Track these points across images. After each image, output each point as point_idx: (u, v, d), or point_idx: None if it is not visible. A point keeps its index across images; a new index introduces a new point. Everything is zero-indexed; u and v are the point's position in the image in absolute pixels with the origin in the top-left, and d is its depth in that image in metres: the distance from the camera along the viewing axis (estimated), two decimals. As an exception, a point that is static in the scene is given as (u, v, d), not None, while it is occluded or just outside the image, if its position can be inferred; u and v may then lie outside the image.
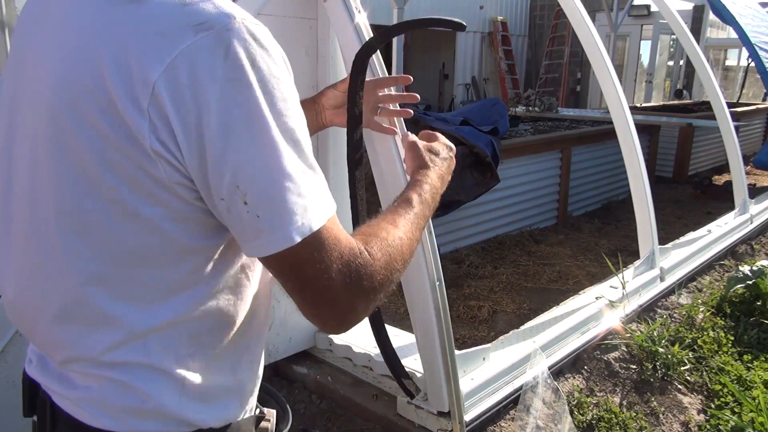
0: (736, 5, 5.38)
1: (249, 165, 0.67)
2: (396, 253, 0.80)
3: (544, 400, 2.06)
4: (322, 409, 2.09)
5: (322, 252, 0.70)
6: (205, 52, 0.66)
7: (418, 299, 1.81)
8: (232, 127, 0.66)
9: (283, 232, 0.68)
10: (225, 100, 0.66)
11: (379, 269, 0.75)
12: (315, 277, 0.70)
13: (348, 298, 0.72)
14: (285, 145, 0.69)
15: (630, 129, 2.98)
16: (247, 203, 0.68)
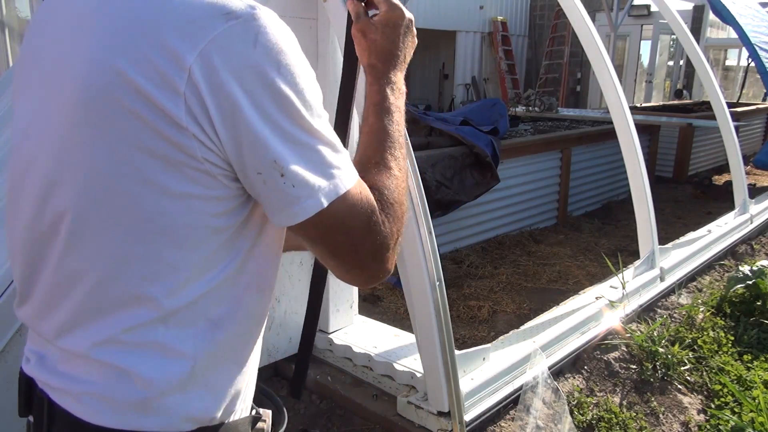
0: (736, 5, 5.38)
1: (282, 141, 0.75)
2: (401, 193, 0.89)
3: (544, 400, 2.06)
4: (322, 409, 2.09)
5: (349, 216, 0.79)
6: (235, 38, 0.73)
7: (418, 299, 1.81)
8: (264, 108, 0.73)
9: (313, 199, 0.76)
10: (256, 83, 0.73)
11: (395, 221, 0.84)
12: (344, 240, 0.80)
13: (377, 255, 0.81)
14: (311, 122, 0.77)
15: (630, 129, 2.98)
16: (284, 175, 0.75)
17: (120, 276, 0.77)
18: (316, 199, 0.76)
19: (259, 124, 0.73)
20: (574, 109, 8.70)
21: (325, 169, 0.77)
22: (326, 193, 0.76)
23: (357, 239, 0.80)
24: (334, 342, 2.25)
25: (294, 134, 0.75)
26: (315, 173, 0.76)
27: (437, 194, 3.68)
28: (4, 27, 6.57)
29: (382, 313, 3.26)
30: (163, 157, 0.73)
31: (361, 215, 0.80)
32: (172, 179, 0.74)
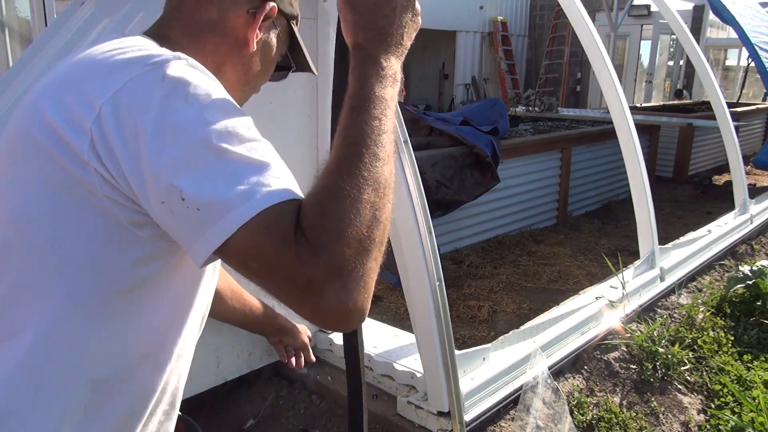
0: (736, 5, 5.38)
1: (183, 164, 0.70)
2: (372, 211, 0.71)
3: (544, 400, 2.06)
4: (322, 409, 2.09)
5: (267, 241, 0.67)
6: (147, 78, 0.75)
7: (418, 299, 1.81)
8: (166, 136, 0.71)
9: (224, 220, 0.68)
10: (160, 111, 0.72)
11: (353, 249, 0.68)
12: (268, 268, 0.68)
13: (319, 288, 0.66)
14: (220, 146, 0.71)
15: (630, 129, 2.98)
16: (185, 198, 0.69)
17: (10, 301, 0.80)
18: (227, 220, 0.68)
19: (158, 151, 0.71)
20: (574, 109, 8.70)
21: (236, 187, 0.69)
22: (241, 212, 0.68)
23: (287, 266, 0.67)
24: (334, 342, 2.25)
25: (198, 157, 0.70)
26: (224, 192, 0.69)
27: (437, 194, 3.68)
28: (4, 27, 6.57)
29: (382, 313, 3.26)
30: (69, 191, 0.75)
31: (281, 239, 0.67)
32: (78, 214, 0.76)
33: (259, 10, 0.98)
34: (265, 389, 2.19)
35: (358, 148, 0.75)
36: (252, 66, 1.02)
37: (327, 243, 0.67)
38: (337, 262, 0.67)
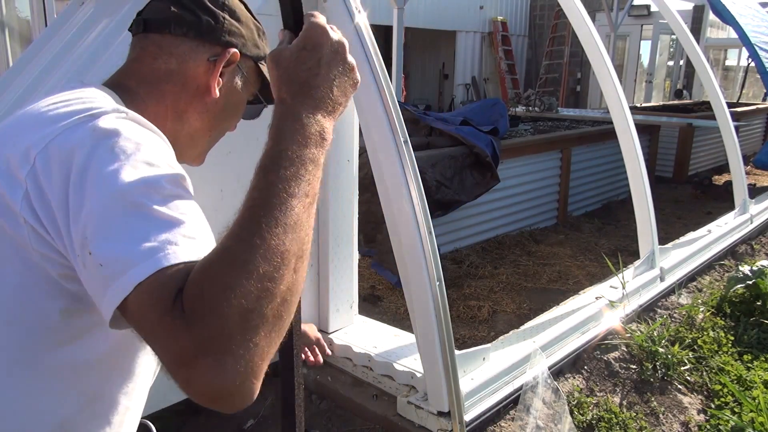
0: (736, 5, 5.38)
1: (95, 217, 0.69)
2: (265, 292, 0.64)
3: (544, 400, 2.06)
4: (322, 409, 2.09)
5: (152, 301, 0.63)
6: (78, 129, 0.75)
7: (418, 299, 1.81)
8: (87, 185, 0.70)
9: (123, 278, 0.65)
10: (86, 163, 0.71)
11: (240, 329, 0.62)
12: (152, 332, 0.64)
13: (197, 354, 0.61)
14: (138, 200, 0.69)
15: (630, 129, 2.98)
16: (92, 253, 0.67)
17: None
18: (125, 278, 0.64)
19: (80, 202, 0.69)
20: (574, 109, 8.70)
21: (141, 245, 0.65)
22: (137, 272, 0.64)
23: (162, 334, 0.62)
24: (334, 342, 2.25)
25: (111, 211, 0.68)
26: (127, 249, 0.65)
27: (437, 194, 3.68)
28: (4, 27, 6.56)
29: (382, 313, 3.26)
30: (9, 243, 0.76)
31: (161, 305, 0.63)
32: (16, 267, 0.77)
33: (220, 57, 0.98)
34: (265, 389, 2.18)
35: (256, 212, 0.69)
36: (217, 111, 1.02)
37: (202, 313, 0.61)
38: (210, 335, 0.61)
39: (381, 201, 1.85)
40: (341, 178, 2.18)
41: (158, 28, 0.98)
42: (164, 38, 0.98)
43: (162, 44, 0.98)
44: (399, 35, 6.21)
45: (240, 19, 1.03)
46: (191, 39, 0.98)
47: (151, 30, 0.99)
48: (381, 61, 1.77)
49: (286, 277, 0.66)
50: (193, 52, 0.98)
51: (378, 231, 3.55)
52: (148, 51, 0.98)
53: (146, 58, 0.98)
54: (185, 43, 0.97)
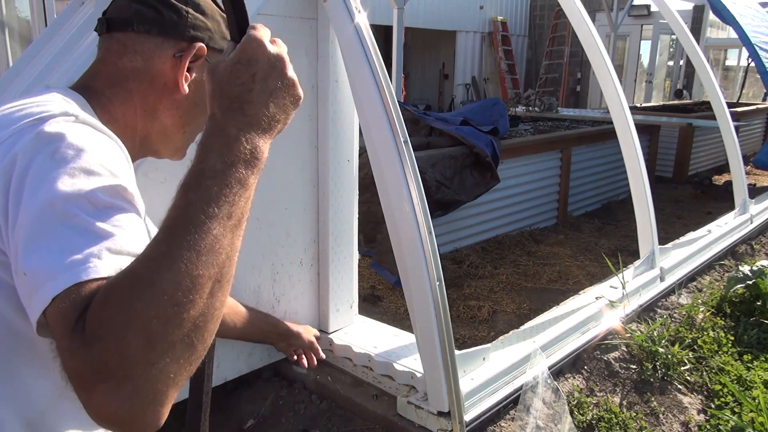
0: (736, 5, 5.38)
1: (27, 226, 0.68)
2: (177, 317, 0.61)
3: (544, 400, 2.06)
4: (322, 409, 2.09)
5: (59, 317, 0.62)
6: (23, 134, 0.74)
7: (418, 299, 1.81)
8: (25, 190, 0.69)
9: (43, 289, 0.63)
10: (26, 168, 0.71)
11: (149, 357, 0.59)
12: (58, 348, 0.62)
13: (95, 378, 0.59)
14: (67, 209, 0.68)
15: (630, 129, 2.98)
16: (19, 262, 0.67)
17: None
18: (44, 289, 0.63)
19: (17, 207, 0.69)
20: (574, 109, 8.70)
21: (65, 256, 0.64)
22: (55, 284, 0.63)
23: (62, 353, 0.61)
24: (334, 342, 2.25)
25: (41, 219, 0.67)
26: (50, 260, 0.64)
27: (437, 194, 3.68)
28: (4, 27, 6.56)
29: (382, 313, 3.26)
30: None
31: (65, 323, 0.61)
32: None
33: (186, 52, 0.97)
34: (265, 389, 2.19)
35: (170, 232, 0.65)
36: (188, 107, 1.01)
37: (101, 335, 0.59)
38: (108, 359, 0.58)
39: (381, 201, 1.85)
40: (341, 178, 2.18)
41: (121, 26, 0.97)
42: (128, 36, 0.97)
43: (126, 43, 0.97)
44: (399, 35, 6.21)
45: (205, 12, 1.01)
46: (155, 36, 0.96)
47: (115, 29, 0.98)
48: (381, 61, 1.77)
49: (197, 302, 0.62)
50: (158, 49, 0.97)
51: (378, 231, 3.55)
52: (113, 50, 0.97)
53: (111, 58, 0.97)
54: (149, 40, 0.96)
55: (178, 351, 0.61)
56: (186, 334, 0.61)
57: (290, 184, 2.07)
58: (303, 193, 2.12)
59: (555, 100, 7.38)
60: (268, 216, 2.02)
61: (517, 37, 13.48)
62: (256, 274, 2.03)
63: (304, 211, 2.14)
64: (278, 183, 2.03)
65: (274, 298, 2.12)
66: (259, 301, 2.07)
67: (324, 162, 2.14)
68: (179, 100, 0.99)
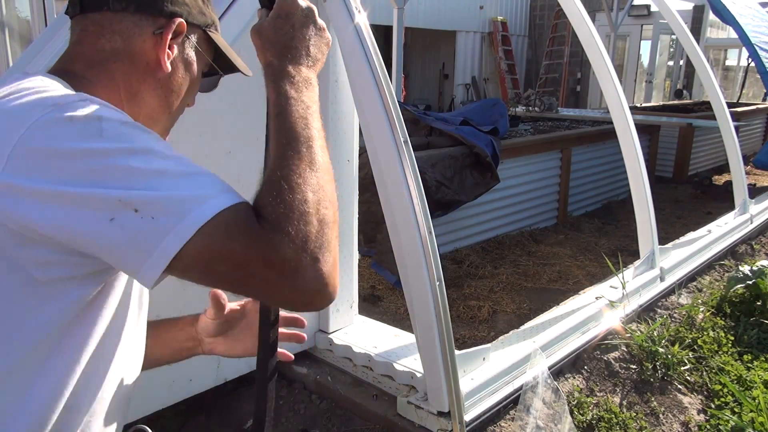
0: (736, 5, 5.38)
1: (115, 186, 0.72)
2: (317, 194, 0.79)
3: (544, 400, 2.06)
4: (322, 409, 2.09)
5: (230, 237, 0.72)
6: (51, 120, 0.75)
7: (418, 299, 1.81)
8: (89, 170, 0.73)
9: (180, 225, 0.70)
10: (72, 151, 0.74)
11: (307, 227, 0.75)
12: (243, 261, 0.72)
13: (286, 270, 0.72)
14: (139, 166, 0.74)
15: (630, 129, 2.98)
16: (138, 210, 0.71)
17: None
18: (183, 225, 0.70)
19: (81, 183, 0.72)
20: (574, 109, 8.71)
21: (186, 194, 0.73)
22: (195, 218, 0.70)
23: (259, 256, 0.71)
24: (334, 342, 2.25)
25: (137, 179, 0.73)
26: (173, 200, 0.71)
27: (437, 194, 3.68)
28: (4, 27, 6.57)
29: (382, 313, 3.26)
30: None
31: (248, 233, 0.72)
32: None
33: (165, 29, 0.95)
34: (265, 389, 2.19)
35: (292, 144, 0.81)
36: (172, 86, 0.99)
37: (290, 225, 0.73)
38: (303, 237, 0.73)
39: (381, 201, 1.85)
40: (341, 178, 2.18)
41: (96, 5, 0.95)
42: (104, 16, 0.94)
43: (102, 22, 0.94)
44: (399, 35, 6.21)
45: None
46: (132, 13, 0.94)
47: (89, 9, 0.95)
48: (381, 61, 1.77)
49: (329, 186, 0.82)
50: (137, 27, 0.95)
51: (378, 231, 3.55)
52: (89, 31, 0.94)
53: (88, 39, 0.94)
54: (127, 19, 0.94)
55: (331, 224, 0.78)
56: (330, 210, 0.79)
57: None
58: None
59: (555, 100, 7.38)
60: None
61: (517, 37, 13.48)
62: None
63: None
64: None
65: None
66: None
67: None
68: (162, 79, 0.97)
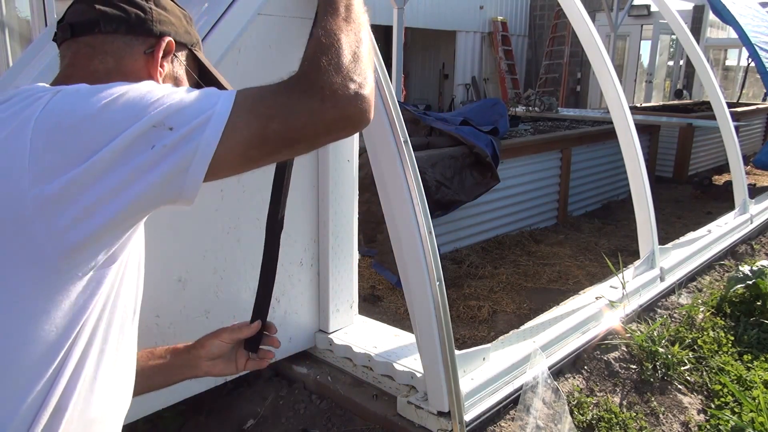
0: (736, 5, 5.38)
1: (142, 116, 0.80)
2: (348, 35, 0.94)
3: (544, 400, 2.06)
4: (322, 409, 2.09)
5: (268, 98, 0.85)
6: (65, 94, 0.83)
7: (418, 299, 1.81)
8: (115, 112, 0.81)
9: (223, 100, 0.83)
10: (92, 104, 0.81)
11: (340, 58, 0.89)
12: (289, 107, 0.84)
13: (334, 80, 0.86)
14: (160, 97, 0.83)
15: (630, 129, 2.98)
16: (173, 128, 0.81)
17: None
18: (214, 119, 0.81)
19: (122, 116, 0.80)
20: (574, 109, 8.71)
21: (204, 102, 0.83)
22: (220, 111, 0.82)
23: (303, 91, 0.85)
24: (334, 342, 2.25)
25: (143, 109, 0.81)
26: (199, 100, 0.83)
27: (437, 194, 3.68)
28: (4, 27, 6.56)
29: (382, 313, 3.26)
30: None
31: (282, 87, 0.86)
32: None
33: (156, 48, 1.00)
34: (265, 389, 2.19)
35: (331, 6, 0.99)
36: None
37: (324, 58, 0.88)
38: (336, 66, 0.87)
39: (381, 201, 1.85)
40: (341, 178, 2.18)
41: (87, 29, 0.98)
42: (95, 38, 0.98)
43: (94, 44, 0.98)
44: (399, 35, 6.21)
45: (166, 8, 1.05)
46: (123, 34, 0.98)
47: (80, 33, 0.99)
48: (381, 61, 1.77)
49: (365, 39, 0.98)
50: (128, 47, 0.99)
51: (378, 231, 3.55)
52: (81, 53, 0.98)
53: (81, 61, 0.98)
54: (118, 40, 0.98)
55: (367, 60, 0.93)
56: (366, 52, 0.94)
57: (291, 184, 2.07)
58: (303, 193, 2.12)
59: (555, 100, 7.38)
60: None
61: (517, 37, 13.48)
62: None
63: (304, 211, 2.14)
64: (278, 183, 2.03)
65: (274, 298, 2.12)
66: (259, 301, 2.07)
67: (324, 162, 2.14)
68: None
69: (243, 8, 1.71)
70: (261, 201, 1.97)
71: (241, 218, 1.90)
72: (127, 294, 0.95)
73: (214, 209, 1.81)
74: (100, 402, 0.91)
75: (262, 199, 1.98)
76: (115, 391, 0.95)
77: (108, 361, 0.91)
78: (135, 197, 0.80)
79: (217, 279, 1.80)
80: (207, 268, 1.79)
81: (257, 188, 1.94)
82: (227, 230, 1.88)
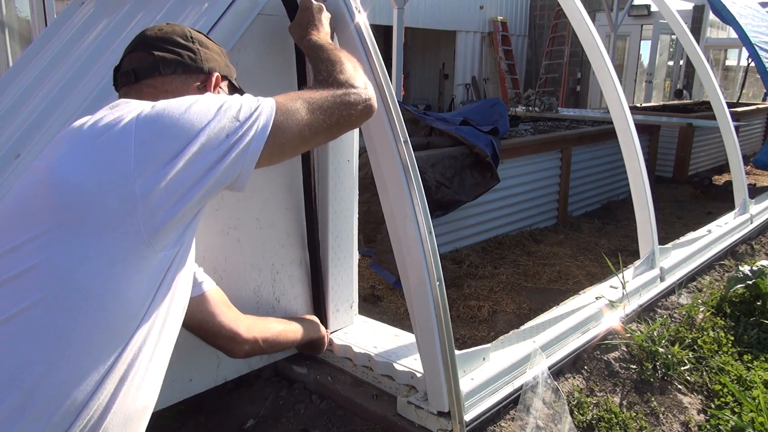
0: (736, 5, 5.38)
1: (211, 119, 1.05)
2: (337, 58, 1.39)
3: (544, 400, 2.06)
4: (322, 409, 2.09)
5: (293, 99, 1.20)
6: (156, 104, 1.07)
7: (418, 299, 1.81)
8: (201, 109, 1.07)
9: (266, 102, 1.14)
10: (174, 108, 1.05)
11: (340, 68, 1.35)
12: (309, 107, 1.20)
13: (358, 91, 1.32)
14: (216, 104, 1.10)
15: (630, 129, 2.98)
16: (240, 119, 1.08)
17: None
18: (267, 103, 1.13)
19: (199, 120, 1.04)
20: (574, 109, 8.70)
21: (251, 105, 1.12)
22: (266, 109, 1.13)
23: (348, 94, 1.27)
24: (334, 342, 2.25)
25: (215, 110, 1.06)
26: (250, 110, 1.11)
27: (437, 194, 3.68)
28: (4, 27, 6.57)
29: (382, 313, 3.26)
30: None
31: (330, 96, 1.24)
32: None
33: (207, 83, 1.24)
34: (265, 389, 2.19)
35: (322, 55, 1.41)
36: None
37: (333, 75, 1.32)
38: (346, 78, 1.32)
39: (381, 201, 1.85)
40: (341, 178, 2.18)
41: (149, 73, 1.18)
42: (156, 80, 1.19)
43: (156, 85, 1.18)
44: (399, 35, 6.21)
45: (208, 46, 1.28)
46: (180, 74, 1.20)
47: (143, 77, 1.18)
48: (381, 61, 1.77)
49: (357, 67, 1.43)
50: (185, 85, 1.20)
51: (378, 231, 3.55)
52: (145, 93, 1.16)
53: (146, 98, 1.14)
54: (176, 79, 1.19)
55: (360, 74, 1.41)
56: (355, 72, 1.39)
57: (290, 184, 2.08)
58: (303, 193, 2.12)
59: (555, 100, 7.38)
60: (268, 216, 2.02)
61: (517, 37, 13.48)
62: (257, 274, 2.03)
63: (305, 211, 2.14)
64: (278, 184, 2.03)
65: (274, 297, 2.12)
66: (260, 300, 2.07)
67: (324, 162, 2.14)
68: None
69: (243, 8, 1.71)
70: (261, 201, 1.97)
71: (241, 218, 1.91)
72: (183, 288, 1.10)
73: (214, 209, 1.81)
74: (150, 386, 1.03)
75: (262, 199, 1.98)
76: (158, 380, 1.07)
77: (161, 349, 1.05)
78: (211, 181, 1.01)
79: (217, 279, 1.80)
80: (207, 268, 1.79)
81: (257, 188, 1.94)
82: (227, 230, 1.88)
